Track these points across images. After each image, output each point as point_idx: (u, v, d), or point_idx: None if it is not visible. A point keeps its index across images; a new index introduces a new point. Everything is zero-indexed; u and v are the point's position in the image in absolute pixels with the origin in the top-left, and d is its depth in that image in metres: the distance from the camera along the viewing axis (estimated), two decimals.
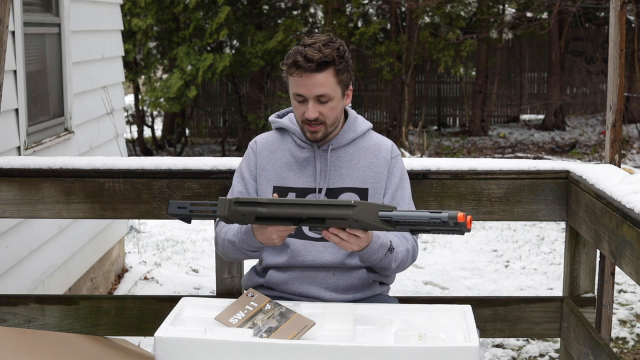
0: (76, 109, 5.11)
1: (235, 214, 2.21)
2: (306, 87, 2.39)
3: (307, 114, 2.41)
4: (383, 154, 2.55)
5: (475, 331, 2.10)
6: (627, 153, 12.22)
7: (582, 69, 15.40)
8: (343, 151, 2.53)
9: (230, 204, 2.21)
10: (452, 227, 2.06)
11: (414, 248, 2.50)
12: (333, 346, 2.00)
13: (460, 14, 14.03)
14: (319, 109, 2.42)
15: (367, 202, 2.14)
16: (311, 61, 2.36)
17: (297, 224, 2.19)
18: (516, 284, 5.92)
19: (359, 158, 2.53)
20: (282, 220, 2.20)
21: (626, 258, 2.31)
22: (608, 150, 2.98)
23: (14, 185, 2.90)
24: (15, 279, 4.10)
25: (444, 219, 2.05)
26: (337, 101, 2.45)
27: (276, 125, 2.60)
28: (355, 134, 2.55)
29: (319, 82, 2.39)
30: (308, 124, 2.44)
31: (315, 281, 2.48)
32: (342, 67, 2.42)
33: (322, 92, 2.39)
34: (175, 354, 2.03)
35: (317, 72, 2.37)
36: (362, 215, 2.12)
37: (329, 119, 2.44)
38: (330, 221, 2.15)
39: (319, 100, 2.41)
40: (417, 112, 15.08)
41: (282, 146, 2.56)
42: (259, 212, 2.18)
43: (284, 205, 2.18)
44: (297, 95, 2.43)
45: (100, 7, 5.75)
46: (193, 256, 6.63)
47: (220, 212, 2.22)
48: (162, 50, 13.40)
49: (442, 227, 2.07)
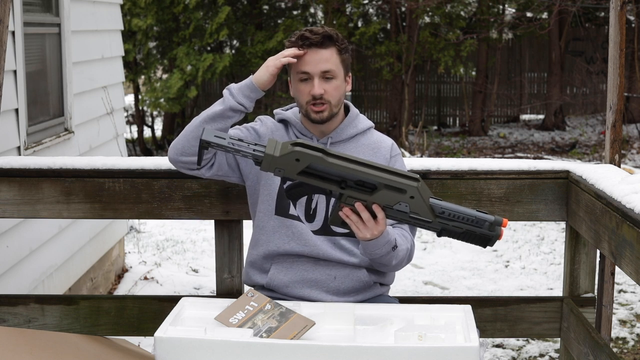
0: (76, 109, 5.11)
1: (289, 155, 2.06)
2: (312, 64, 2.41)
3: (313, 90, 2.42)
4: (383, 151, 2.56)
5: (475, 331, 2.10)
6: (627, 153, 12.22)
7: (582, 69, 15.39)
8: (342, 146, 2.53)
9: (285, 146, 2.07)
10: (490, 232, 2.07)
11: (412, 248, 2.50)
12: (333, 346, 2.00)
13: (460, 14, 14.04)
14: (324, 86, 2.43)
15: (424, 185, 2.11)
16: (317, 34, 2.40)
17: (343, 187, 2.11)
18: (516, 284, 5.92)
19: (358, 154, 2.52)
20: (328, 180, 2.10)
21: (626, 258, 2.31)
22: (608, 150, 2.98)
23: (14, 185, 2.90)
24: (15, 279, 4.10)
25: (491, 220, 2.06)
26: (341, 81, 2.46)
27: (279, 117, 2.60)
28: (355, 130, 2.55)
29: (324, 57, 2.41)
30: (313, 104, 2.44)
31: (317, 285, 2.48)
32: (344, 47, 2.46)
33: (327, 67, 2.42)
34: (175, 354, 2.03)
35: (322, 48, 2.41)
36: (423, 193, 2.08)
37: (334, 98, 2.45)
38: (383, 193, 2.08)
39: (324, 77, 2.43)
40: (417, 112, 15.08)
41: (283, 138, 2.55)
42: (324, 160, 2.05)
43: (348, 160, 2.08)
44: (301, 74, 2.43)
45: (100, 7, 5.75)
46: (193, 256, 6.63)
47: (271, 150, 2.07)
48: (162, 50, 13.40)
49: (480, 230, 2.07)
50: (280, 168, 2.10)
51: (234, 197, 2.88)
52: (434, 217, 2.11)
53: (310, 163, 2.08)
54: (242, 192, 2.86)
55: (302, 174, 2.11)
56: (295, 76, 2.46)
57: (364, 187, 2.12)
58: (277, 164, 2.09)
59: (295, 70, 2.45)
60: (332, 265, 2.49)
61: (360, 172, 2.08)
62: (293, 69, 2.46)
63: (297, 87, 2.47)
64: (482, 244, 2.14)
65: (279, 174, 2.12)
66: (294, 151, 2.08)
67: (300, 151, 2.08)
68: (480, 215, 2.09)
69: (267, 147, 2.09)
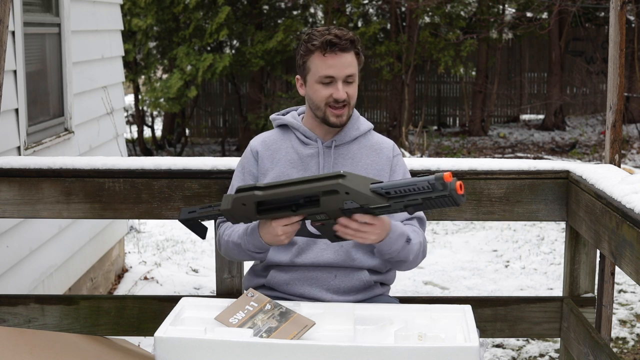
0: (76, 109, 5.11)
1: (236, 203, 2.22)
2: (337, 68, 2.40)
3: (337, 94, 2.41)
4: (385, 152, 2.56)
5: (475, 331, 2.10)
6: (627, 153, 12.22)
7: (582, 69, 15.39)
8: (346, 148, 2.54)
9: (232, 197, 2.24)
10: (441, 191, 2.00)
11: (425, 242, 2.50)
12: (333, 346, 2.00)
13: (460, 14, 14.03)
14: (346, 90, 2.43)
15: (357, 175, 2.13)
16: (344, 39, 2.39)
17: (295, 210, 2.19)
18: (516, 284, 5.92)
19: (362, 156, 2.53)
20: (281, 209, 2.20)
21: (626, 258, 2.31)
22: (608, 150, 2.98)
23: (14, 185, 2.90)
24: (15, 279, 4.10)
25: (431, 181, 2.00)
26: (357, 84, 2.48)
27: (279, 122, 2.59)
28: (358, 132, 2.56)
29: (347, 62, 2.41)
30: (334, 107, 2.43)
31: (317, 283, 2.48)
32: (360, 52, 2.46)
33: (350, 72, 2.42)
34: (175, 354, 2.03)
35: (346, 52, 2.41)
36: (353, 184, 2.10)
37: (353, 100, 2.46)
38: (325, 199, 2.13)
39: (346, 81, 2.43)
40: (417, 112, 15.08)
41: (284, 144, 2.55)
42: (257, 195, 2.19)
43: (278, 186, 2.19)
44: (325, 77, 2.41)
45: (100, 7, 5.75)
46: (193, 256, 6.63)
47: (225, 206, 2.25)
48: (162, 50, 13.40)
49: (432, 194, 2.01)
50: (241, 216, 2.25)
51: None
52: (387, 201, 2.09)
53: (256, 200, 2.21)
54: None
55: (260, 212, 2.23)
56: (315, 78, 2.43)
57: (311, 202, 2.19)
58: (235, 214, 2.26)
59: (318, 74, 2.42)
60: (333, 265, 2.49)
61: (291, 191, 2.19)
62: (313, 71, 2.43)
63: (316, 89, 2.44)
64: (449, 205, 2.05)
65: (247, 222, 2.28)
66: (236, 198, 2.24)
67: (239, 196, 2.24)
68: (420, 179, 2.04)
69: (222, 204, 2.28)
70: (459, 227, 7.76)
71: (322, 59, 2.40)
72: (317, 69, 2.42)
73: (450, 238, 7.30)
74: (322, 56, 2.40)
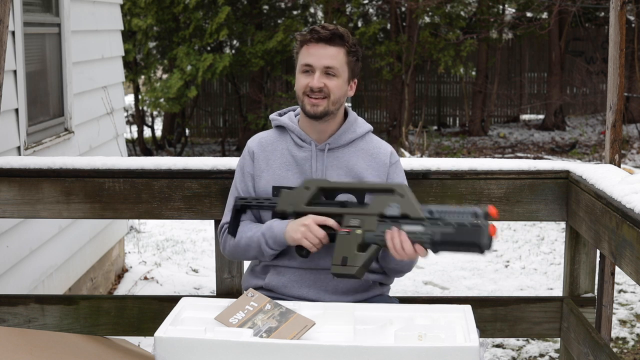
0: (76, 109, 5.11)
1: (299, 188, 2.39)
2: (316, 57, 2.41)
3: (312, 82, 2.42)
4: (382, 157, 2.53)
5: (475, 331, 2.10)
6: (627, 153, 12.22)
7: (582, 69, 15.39)
8: (341, 152, 2.52)
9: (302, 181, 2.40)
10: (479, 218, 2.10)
11: None
12: (333, 346, 2.00)
13: (460, 14, 14.03)
14: (324, 81, 2.42)
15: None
16: (328, 30, 2.42)
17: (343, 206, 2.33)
18: (516, 284, 5.92)
19: (357, 160, 2.51)
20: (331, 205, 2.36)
21: (626, 258, 2.31)
22: (608, 150, 2.98)
23: (14, 185, 2.90)
24: (15, 279, 4.10)
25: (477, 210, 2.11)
26: (343, 82, 2.45)
27: (276, 123, 2.58)
28: (354, 135, 2.53)
29: (329, 53, 2.42)
30: (309, 96, 2.43)
31: (315, 284, 2.48)
32: (353, 51, 2.46)
33: (330, 63, 2.42)
34: (175, 354, 2.03)
35: (330, 45, 2.42)
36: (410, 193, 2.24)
37: (334, 94, 2.44)
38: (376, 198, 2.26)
39: (326, 73, 2.42)
40: (417, 112, 15.08)
41: (280, 145, 2.54)
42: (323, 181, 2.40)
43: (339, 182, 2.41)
44: (304, 66, 2.43)
45: (100, 7, 5.75)
46: (193, 256, 6.63)
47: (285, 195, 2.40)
48: (162, 50, 13.40)
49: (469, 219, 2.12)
50: (291, 202, 2.38)
51: None
52: (424, 216, 2.18)
53: (320, 186, 2.36)
54: None
55: (311, 204, 2.36)
56: (298, 68, 2.46)
57: (359, 203, 2.33)
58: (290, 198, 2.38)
59: (300, 63, 2.45)
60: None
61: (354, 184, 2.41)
62: (299, 61, 2.46)
63: (298, 79, 2.47)
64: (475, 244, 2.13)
65: (290, 209, 2.38)
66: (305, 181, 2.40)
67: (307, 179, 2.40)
68: (464, 208, 2.13)
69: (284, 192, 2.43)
70: None
71: (305, 49, 2.44)
72: (301, 58, 2.45)
73: None
74: (306, 46, 2.44)
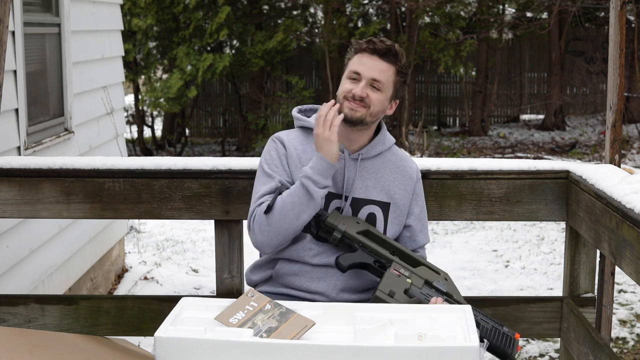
0: (76, 109, 5.11)
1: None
2: (366, 67, 2.44)
3: (355, 90, 2.44)
4: (409, 172, 2.59)
5: (475, 331, 2.10)
6: (627, 153, 12.22)
7: (582, 69, 15.39)
8: (370, 162, 2.54)
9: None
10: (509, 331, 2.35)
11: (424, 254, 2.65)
12: (333, 346, 1.99)
13: (460, 14, 14.03)
14: (368, 91, 2.44)
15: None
16: (384, 44, 2.45)
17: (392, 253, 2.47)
18: (516, 284, 5.92)
19: (385, 172, 2.55)
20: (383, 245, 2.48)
21: (626, 258, 2.31)
22: (608, 150, 2.98)
23: (14, 185, 2.90)
24: (15, 279, 4.10)
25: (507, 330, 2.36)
26: (385, 98, 2.48)
27: (301, 124, 2.57)
28: (383, 147, 2.57)
29: (379, 67, 2.44)
30: (351, 100, 2.45)
31: (325, 278, 2.50)
32: (403, 73, 2.50)
33: (378, 77, 2.44)
34: (175, 354, 2.03)
35: (382, 60, 2.44)
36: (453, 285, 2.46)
37: (374, 106, 2.45)
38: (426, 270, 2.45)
39: (371, 85, 2.45)
40: (417, 112, 15.08)
41: (309, 147, 2.51)
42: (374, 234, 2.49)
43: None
44: (353, 73, 2.46)
45: (100, 7, 5.75)
46: (193, 256, 6.63)
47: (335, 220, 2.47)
48: (162, 50, 13.40)
49: (503, 328, 2.35)
50: (343, 222, 2.44)
51: (234, 197, 2.88)
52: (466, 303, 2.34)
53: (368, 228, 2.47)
54: (242, 192, 2.86)
55: (361, 234, 2.44)
56: (346, 74, 2.49)
57: (410, 262, 2.47)
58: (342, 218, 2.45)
59: (350, 69, 2.48)
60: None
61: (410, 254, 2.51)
62: (348, 67, 2.49)
63: (343, 83, 2.49)
64: (502, 348, 2.33)
65: (342, 227, 2.43)
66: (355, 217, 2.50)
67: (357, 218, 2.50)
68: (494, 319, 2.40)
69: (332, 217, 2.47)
70: (459, 227, 7.77)
71: (358, 57, 2.47)
72: (351, 65, 2.49)
73: (450, 238, 7.30)
74: (360, 55, 2.47)
